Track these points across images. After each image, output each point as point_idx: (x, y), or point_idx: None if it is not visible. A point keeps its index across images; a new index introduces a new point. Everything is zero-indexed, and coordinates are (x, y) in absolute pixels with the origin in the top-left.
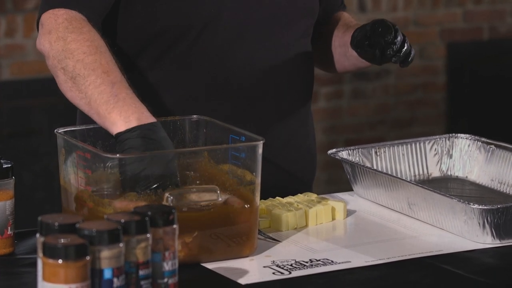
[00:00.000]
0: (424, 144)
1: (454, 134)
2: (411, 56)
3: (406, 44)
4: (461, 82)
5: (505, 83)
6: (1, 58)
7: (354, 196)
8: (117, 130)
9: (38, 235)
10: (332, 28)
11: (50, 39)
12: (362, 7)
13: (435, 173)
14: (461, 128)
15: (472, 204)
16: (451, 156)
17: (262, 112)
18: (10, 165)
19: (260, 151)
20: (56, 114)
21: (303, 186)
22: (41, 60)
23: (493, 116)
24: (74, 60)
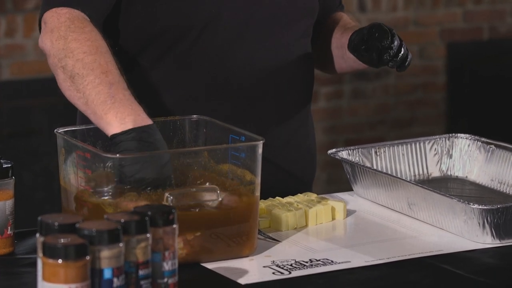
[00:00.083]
0: (424, 144)
1: (454, 134)
2: (408, 60)
3: (403, 49)
4: (461, 82)
5: (505, 83)
6: (1, 58)
7: (354, 196)
8: (112, 131)
9: (38, 235)
10: (331, 29)
11: (52, 37)
12: (362, 7)
13: (435, 173)
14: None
15: (472, 204)
16: (451, 156)
17: (262, 112)
18: (10, 165)
19: (260, 151)
20: (56, 114)
21: (303, 186)
22: (41, 60)
23: (493, 116)
24: (74, 59)
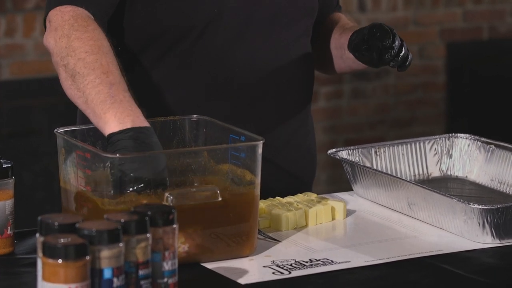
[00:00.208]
0: (424, 144)
1: (454, 134)
2: (408, 60)
3: (404, 49)
4: (461, 82)
5: (505, 83)
6: (1, 58)
7: (354, 196)
8: (110, 131)
9: (38, 235)
10: (329, 29)
11: (56, 36)
12: (362, 7)
13: (435, 173)
14: (461, 128)
15: (472, 204)
16: (451, 156)
17: (262, 112)
18: (10, 165)
19: (260, 151)
20: (56, 114)
21: (303, 186)
22: (41, 60)
23: (493, 116)
24: (76, 58)
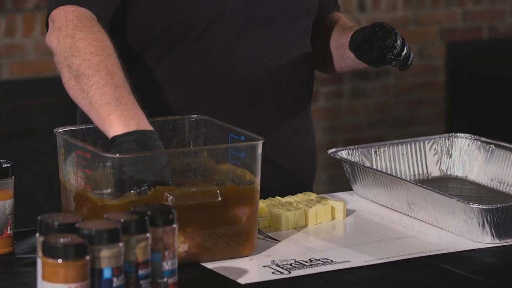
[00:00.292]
0: (424, 143)
1: (453, 133)
2: (410, 59)
3: (406, 48)
4: (460, 81)
5: (504, 83)
6: (1, 58)
7: (354, 195)
8: (114, 133)
9: (37, 234)
10: (329, 28)
11: (59, 35)
12: (362, 7)
13: (434, 172)
14: (461, 127)
15: (471, 203)
16: (450, 156)
17: (262, 112)
18: (10, 165)
19: (259, 150)
20: (56, 114)
21: (303, 186)
22: (41, 60)
23: (493, 116)
24: (80, 59)
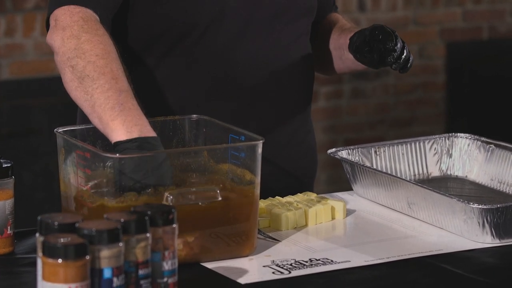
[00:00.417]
0: (424, 143)
1: (453, 133)
2: (410, 62)
3: (405, 51)
4: (460, 81)
5: (504, 83)
6: (1, 58)
7: (354, 195)
8: (117, 138)
9: (37, 234)
10: (327, 29)
11: (63, 35)
12: (362, 7)
13: (434, 172)
14: (461, 127)
15: (471, 203)
16: (450, 156)
17: (263, 112)
18: (10, 165)
19: (259, 150)
20: (56, 114)
21: (304, 185)
22: (41, 60)
23: (493, 116)
24: (86, 61)
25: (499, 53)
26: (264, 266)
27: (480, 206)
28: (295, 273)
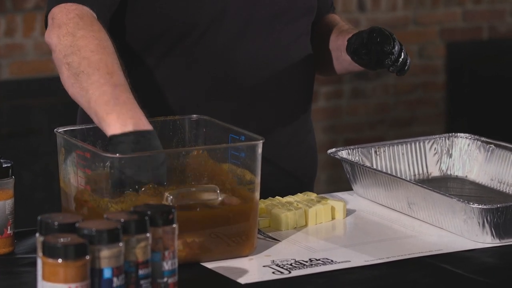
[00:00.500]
0: (424, 143)
1: (453, 133)
2: (407, 65)
3: (403, 53)
4: (460, 81)
5: (504, 83)
6: (1, 58)
7: (354, 195)
8: (112, 132)
9: (37, 234)
10: (325, 30)
11: (59, 33)
12: (362, 7)
13: (434, 172)
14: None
15: (471, 203)
16: (450, 156)
17: (263, 111)
18: (9, 165)
19: (259, 150)
20: (56, 113)
21: (304, 185)
22: (41, 60)
23: (493, 116)
24: (80, 57)
25: (499, 53)
26: (264, 266)
27: (480, 206)
28: (295, 273)
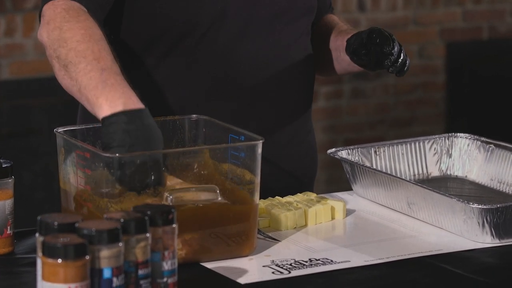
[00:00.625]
0: (424, 143)
1: (453, 133)
2: (406, 65)
3: (402, 54)
4: (460, 81)
5: (504, 83)
6: (1, 58)
7: (354, 195)
8: (102, 115)
9: (37, 234)
10: (324, 31)
11: (48, 29)
12: (362, 7)
13: (434, 172)
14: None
15: (471, 203)
16: (450, 156)
17: (263, 111)
18: (9, 165)
19: (259, 150)
20: (56, 114)
21: (304, 185)
22: (41, 60)
23: (493, 116)
24: (67, 48)
25: (499, 53)
26: (264, 266)
27: (480, 206)
28: (294, 273)
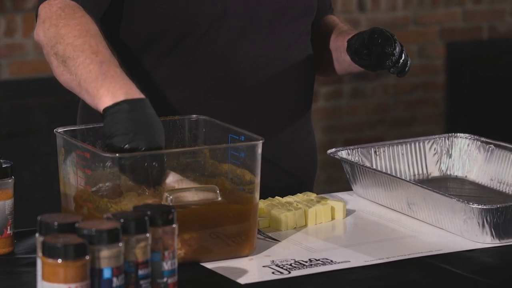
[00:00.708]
0: (424, 143)
1: (453, 133)
2: (408, 66)
3: (403, 55)
4: (460, 81)
5: (504, 83)
6: (1, 58)
7: (354, 195)
8: (104, 105)
9: (37, 234)
10: (324, 31)
11: (44, 27)
12: (362, 7)
13: (434, 172)
14: (461, 127)
15: (471, 203)
16: (450, 156)
17: (263, 111)
18: (9, 165)
19: (259, 150)
20: (56, 114)
21: (304, 185)
22: (41, 60)
23: (493, 116)
24: (65, 44)
25: (499, 53)
26: (264, 266)
27: (480, 206)
28: (294, 273)
